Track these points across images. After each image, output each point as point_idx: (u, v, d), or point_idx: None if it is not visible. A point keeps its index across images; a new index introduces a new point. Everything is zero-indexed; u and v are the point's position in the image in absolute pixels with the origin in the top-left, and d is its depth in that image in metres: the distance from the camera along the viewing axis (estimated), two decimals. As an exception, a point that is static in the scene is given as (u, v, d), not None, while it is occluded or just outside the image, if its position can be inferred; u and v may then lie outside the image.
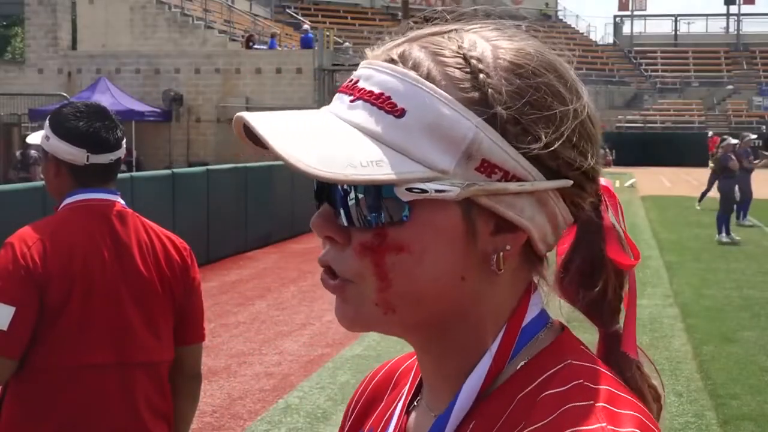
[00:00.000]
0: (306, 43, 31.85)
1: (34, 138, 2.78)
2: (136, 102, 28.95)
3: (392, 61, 0.85)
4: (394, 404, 0.98)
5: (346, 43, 33.73)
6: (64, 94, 25.04)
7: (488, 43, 0.86)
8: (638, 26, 64.59)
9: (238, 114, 0.82)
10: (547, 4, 59.74)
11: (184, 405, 2.80)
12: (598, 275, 0.92)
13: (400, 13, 34.43)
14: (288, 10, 47.85)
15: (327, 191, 0.85)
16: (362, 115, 0.82)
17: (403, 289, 0.83)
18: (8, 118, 25.92)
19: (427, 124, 0.80)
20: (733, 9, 61.20)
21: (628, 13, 62.88)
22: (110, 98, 26.33)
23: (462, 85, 0.82)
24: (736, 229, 16.71)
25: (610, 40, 61.86)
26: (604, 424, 0.78)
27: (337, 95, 0.86)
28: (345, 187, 0.82)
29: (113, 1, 32.93)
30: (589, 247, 0.91)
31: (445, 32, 0.87)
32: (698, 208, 21.53)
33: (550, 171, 0.84)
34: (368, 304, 0.84)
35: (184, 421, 2.82)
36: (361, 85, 0.84)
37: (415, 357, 0.99)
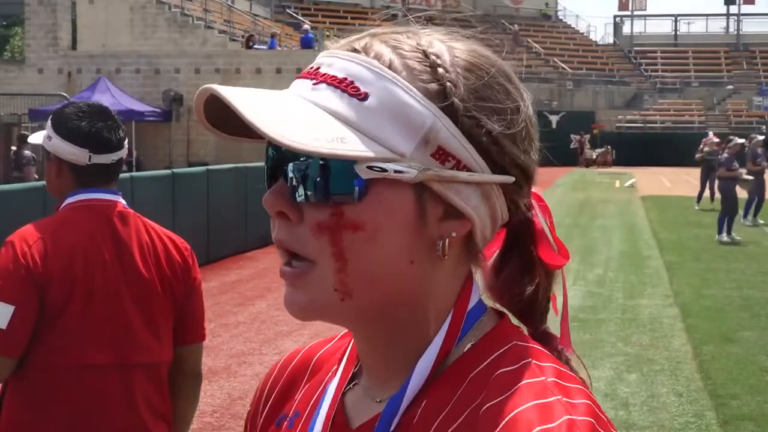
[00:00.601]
0: (306, 43, 31.85)
1: (36, 138, 2.78)
2: (136, 102, 28.94)
3: (355, 51, 0.89)
4: (321, 389, 1.01)
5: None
6: (64, 94, 25.04)
7: (444, 44, 0.91)
8: (638, 26, 64.58)
9: (207, 86, 0.84)
10: (547, 4, 59.72)
11: (184, 405, 2.81)
12: (530, 277, 0.97)
13: (400, 14, 34.40)
14: (288, 10, 47.84)
15: (282, 168, 0.87)
16: (326, 96, 0.86)
17: (359, 270, 0.86)
18: (8, 118, 25.91)
19: (389, 108, 0.85)
20: (733, 9, 61.18)
21: (628, 13, 62.86)
22: (110, 98, 26.33)
23: (421, 77, 0.87)
24: (738, 229, 16.72)
25: (610, 40, 61.83)
26: (559, 397, 0.84)
27: (297, 81, 0.89)
28: (307, 161, 0.85)
29: (113, 1, 32.94)
30: (521, 249, 0.96)
31: (403, 32, 0.92)
32: (697, 208, 21.54)
33: (496, 166, 0.89)
34: (326, 290, 0.87)
35: (184, 421, 2.82)
36: (323, 70, 0.88)
37: (335, 342, 1.07)
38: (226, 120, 0.88)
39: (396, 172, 0.84)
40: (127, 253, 2.61)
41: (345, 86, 0.86)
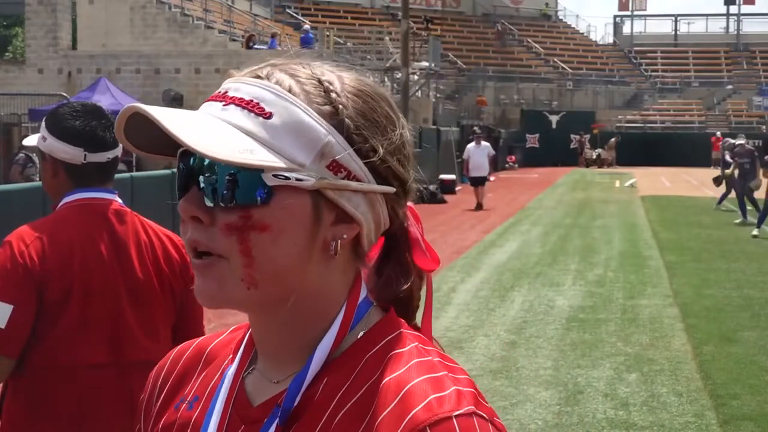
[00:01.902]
0: (306, 43, 31.86)
1: (31, 140, 2.79)
2: (136, 102, 28.94)
3: (258, 77, 1.02)
4: (219, 374, 1.13)
5: (348, 43, 33.70)
6: (64, 94, 25.02)
7: (333, 73, 1.05)
8: (638, 26, 64.62)
9: (132, 105, 0.97)
10: (547, 4, 59.72)
11: None
12: (406, 278, 1.10)
13: (400, 13, 34.44)
14: (288, 10, 47.85)
15: (195, 178, 0.99)
16: (236, 115, 0.98)
17: (264, 265, 0.98)
18: (8, 118, 25.91)
19: (290, 126, 0.98)
20: (733, 9, 61.20)
21: (628, 13, 62.88)
22: (110, 98, 26.31)
23: (317, 100, 1.01)
24: (738, 229, 16.71)
25: (610, 40, 61.85)
26: (446, 372, 1.00)
27: (206, 104, 1.02)
28: (218, 171, 0.97)
29: (113, 1, 32.93)
30: (399, 254, 1.10)
31: (298, 63, 1.06)
32: (717, 208, 21.49)
33: (380, 178, 1.03)
34: (234, 280, 0.99)
35: None
36: (231, 94, 1.01)
37: (226, 336, 1.19)
38: (146, 137, 1.00)
39: (297, 180, 0.97)
40: (125, 252, 2.61)
41: (251, 107, 0.98)
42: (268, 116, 0.98)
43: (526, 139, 46.41)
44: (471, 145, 23.63)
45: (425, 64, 35.13)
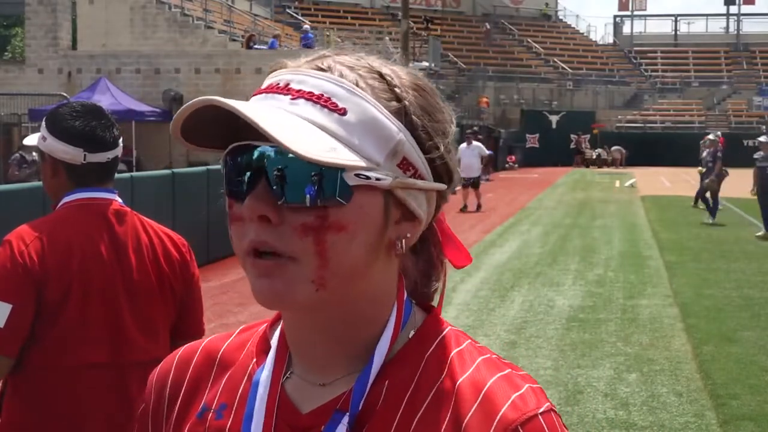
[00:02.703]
0: (306, 43, 31.85)
1: (31, 140, 2.79)
2: (136, 102, 28.93)
3: (321, 70, 0.97)
4: (245, 379, 1.07)
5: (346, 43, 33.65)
6: (64, 94, 25.02)
7: (387, 67, 1.01)
8: (638, 26, 64.65)
9: (206, 98, 0.90)
10: (547, 4, 59.71)
11: None
12: (437, 272, 1.09)
13: (400, 13, 34.45)
14: (288, 10, 47.84)
15: (264, 174, 0.93)
16: (309, 110, 0.93)
17: (337, 267, 0.94)
18: (8, 118, 25.91)
19: (365, 123, 0.94)
20: (733, 9, 61.19)
21: (628, 13, 62.87)
22: (110, 98, 26.31)
23: (383, 96, 0.97)
24: (738, 228, 16.71)
25: (610, 40, 61.84)
26: (510, 370, 1.01)
27: (266, 95, 0.96)
28: (294, 168, 0.92)
29: (113, 1, 32.92)
30: (427, 249, 1.08)
31: (350, 55, 1.01)
32: None
33: (436, 174, 1.01)
34: (304, 282, 0.94)
35: None
36: (296, 87, 0.95)
37: (235, 337, 1.13)
38: (200, 131, 0.95)
39: (377, 179, 0.94)
40: (124, 251, 2.62)
41: (324, 102, 0.94)
42: (343, 113, 0.94)
43: (526, 139, 46.41)
44: (462, 146, 23.51)
45: (425, 64, 35.14)
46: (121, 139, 2.69)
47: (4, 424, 2.55)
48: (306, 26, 36.28)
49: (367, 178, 0.93)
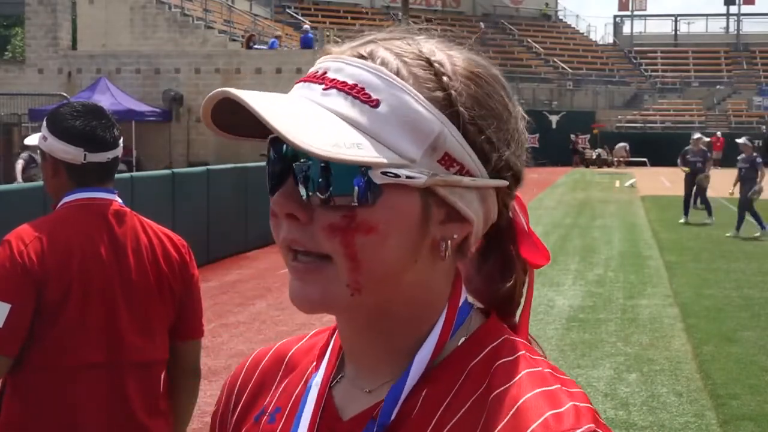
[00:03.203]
0: (306, 43, 31.85)
1: (32, 140, 2.79)
2: (136, 102, 28.94)
3: (362, 57, 0.91)
4: (302, 383, 1.03)
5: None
6: (64, 94, 25.03)
7: (443, 52, 0.93)
8: (638, 26, 64.63)
9: (223, 89, 0.85)
10: (547, 4, 59.72)
11: (184, 401, 2.82)
12: (509, 273, 1.00)
13: (400, 13, 34.46)
14: (288, 10, 47.84)
15: (292, 171, 0.89)
16: (338, 102, 0.87)
17: (370, 270, 0.89)
18: (8, 118, 25.92)
19: (400, 116, 0.87)
20: (733, 9, 61.19)
21: (628, 13, 62.86)
22: (110, 98, 26.32)
23: (427, 85, 0.90)
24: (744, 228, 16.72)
25: (610, 40, 61.84)
26: (559, 386, 0.90)
27: (303, 84, 0.91)
28: (320, 165, 0.87)
29: (113, 1, 32.93)
30: (502, 248, 1.00)
31: (402, 38, 0.94)
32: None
33: (493, 170, 0.93)
34: (339, 285, 0.89)
35: (183, 417, 2.83)
36: (331, 75, 0.89)
37: (307, 340, 1.10)
38: (231, 121, 0.90)
39: (408, 177, 0.87)
40: (124, 252, 2.62)
41: (356, 93, 0.87)
42: (375, 104, 0.87)
43: (526, 139, 46.36)
44: None
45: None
46: (121, 140, 2.70)
47: (3, 424, 2.55)
48: (306, 26, 36.27)
49: (396, 175, 0.86)
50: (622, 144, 45.31)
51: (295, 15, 46.79)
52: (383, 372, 0.96)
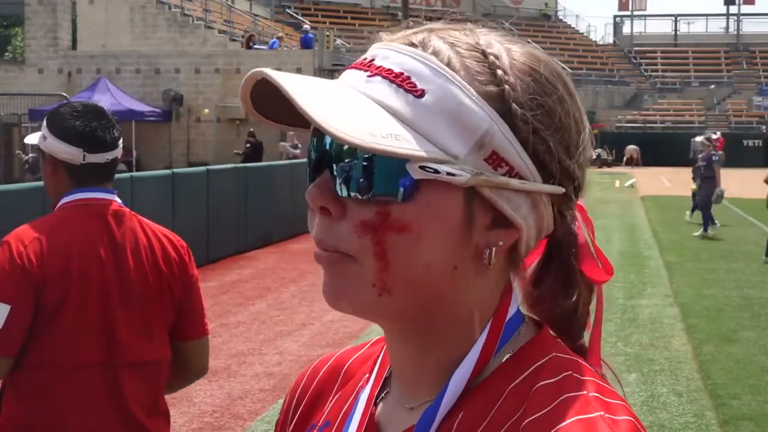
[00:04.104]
0: (306, 43, 31.85)
1: (32, 139, 2.79)
2: (136, 102, 28.95)
3: (412, 45, 0.86)
4: (353, 396, 0.98)
5: (338, 41, 33.61)
6: (64, 94, 25.03)
7: (502, 45, 0.88)
8: (638, 26, 64.62)
9: (258, 70, 0.81)
10: (546, 4, 59.72)
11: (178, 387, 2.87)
12: (571, 290, 0.93)
13: (400, 13, 34.44)
14: (288, 10, 47.83)
15: (329, 162, 0.84)
16: (381, 90, 0.83)
17: (401, 271, 0.83)
18: (8, 118, 25.93)
19: (445, 108, 0.82)
20: (733, 9, 61.17)
21: (628, 13, 62.85)
22: (110, 98, 26.33)
23: (479, 78, 0.84)
24: (736, 227, 16.69)
25: (610, 40, 61.83)
26: (602, 413, 0.81)
27: (351, 71, 0.87)
28: (354, 157, 0.82)
29: (113, 1, 32.95)
30: (563, 262, 0.92)
31: (461, 29, 0.89)
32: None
33: (547, 175, 0.86)
34: (365, 284, 0.84)
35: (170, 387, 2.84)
36: (378, 63, 0.85)
37: (366, 349, 1.04)
38: (270, 106, 0.86)
39: (448, 174, 0.81)
40: (123, 253, 2.62)
41: (401, 81, 0.83)
42: (420, 94, 0.82)
43: (525, 139, 46.36)
44: None
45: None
46: (121, 141, 2.70)
47: (3, 424, 2.55)
48: (306, 26, 36.28)
49: (436, 171, 0.80)
50: (632, 147, 45.11)
51: (295, 15, 46.78)
52: (424, 389, 0.90)
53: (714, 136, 20.13)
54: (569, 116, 0.88)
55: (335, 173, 0.83)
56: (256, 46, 31.94)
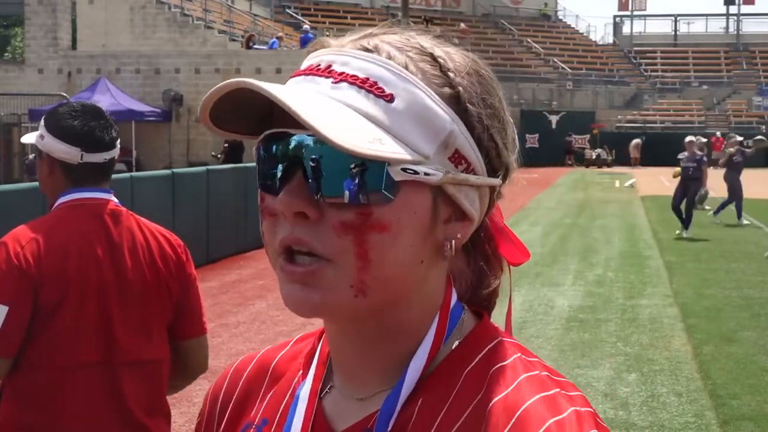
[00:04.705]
0: (306, 43, 31.81)
1: (29, 138, 2.79)
2: (136, 102, 28.95)
3: (367, 50, 0.87)
4: (289, 393, 1.00)
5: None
6: (64, 94, 25.04)
7: (440, 48, 0.91)
8: (638, 26, 64.66)
9: (238, 80, 0.81)
10: (546, 4, 59.72)
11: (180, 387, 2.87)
12: (493, 272, 0.99)
13: (400, 13, 34.48)
14: (288, 10, 47.85)
15: (300, 166, 0.84)
16: (351, 96, 0.84)
17: (379, 270, 0.85)
18: (8, 118, 25.93)
19: (414, 111, 0.85)
20: (733, 9, 61.18)
21: (628, 13, 62.86)
22: (110, 98, 26.33)
23: (435, 81, 0.87)
24: (738, 228, 16.69)
25: (610, 40, 61.84)
26: (558, 390, 0.88)
27: (305, 77, 0.87)
28: (333, 160, 0.83)
29: (113, 1, 32.95)
30: (480, 247, 0.98)
31: (397, 33, 0.91)
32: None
33: (492, 169, 0.91)
34: (342, 287, 0.85)
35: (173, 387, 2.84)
36: (338, 69, 0.86)
37: (290, 347, 1.06)
38: (226, 115, 0.86)
39: (426, 174, 0.85)
40: (120, 252, 2.62)
41: (369, 87, 0.85)
42: (390, 99, 0.84)
43: (525, 139, 46.44)
44: None
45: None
46: (118, 141, 2.70)
47: (3, 424, 2.55)
48: (306, 26, 36.29)
49: (415, 172, 0.84)
50: (636, 141, 44.90)
51: (294, 15, 46.79)
52: (375, 380, 0.92)
53: (702, 140, 20.06)
54: (506, 113, 0.93)
55: (312, 178, 0.84)
56: (255, 46, 31.94)
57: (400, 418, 0.89)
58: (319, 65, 0.87)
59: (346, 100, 0.84)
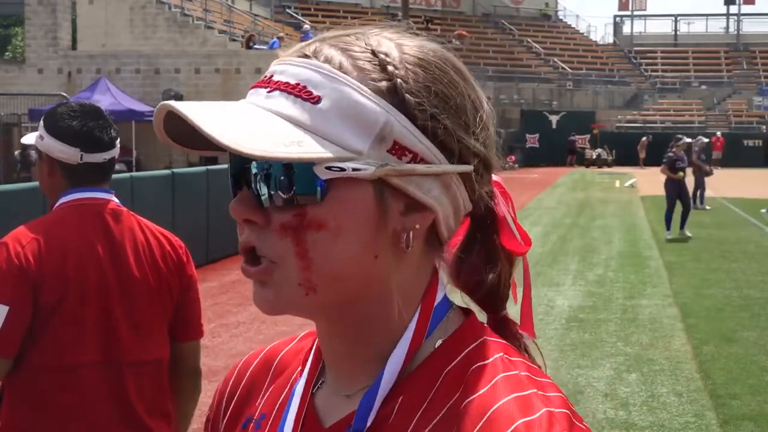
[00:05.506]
0: (306, 44, 31.85)
1: (29, 138, 2.79)
2: (136, 102, 28.93)
3: (305, 56, 0.91)
4: (288, 388, 1.02)
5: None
6: (64, 94, 25.04)
7: (392, 42, 0.93)
8: (638, 26, 64.62)
9: (164, 103, 0.86)
10: (547, 4, 59.71)
11: (185, 401, 2.82)
12: (492, 264, 0.98)
13: (399, 13, 34.47)
14: (288, 10, 47.86)
15: (246, 176, 0.90)
16: (280, 102, 0.88)
17: (323, 267, 0.88)
18: (8, 118, 25.93)
19: (342, 109, 0.87)
20: (733, 9, 61.17)
21: (628, 13, 62.85)
22: (110, 98, 26.32)
23: (372, 76, 0.89)
24: (735, 228, 16.68)
25: (610, 40, 61.82)
26: (535, 390, 0.88)
27: (253, 90, 0.92)
28: (266, 168, 0.88)
29: (113, 1, 32.95)
30: (484, 238, 0.98)
31: (351, 34, 0.94)
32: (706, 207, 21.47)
33: (453, 157, 0.91)
34: (291, 285, 0.89)
35: (184, 417, 2.83)
36: (276, 78, 0.90)
37: (296, 342, 1.09)
38: (188, 134, 0.90)
39: (354, 170, 0.86)
40: (121, 252, 2.62)
41: (298, 91, 0.88)
42: (316, 100, 0.87)
43: (525, 139, 46.42)
44: None
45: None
46: (118, 141, 2.70)
47: (4, 425, 2.55)
48: (306, 26, 36.28)
49: (341, 169, 0.86)
50: (643, 139, 44.62)
51: (295, 15, 46.81)
52: (360, 376, 0.94)
53: (687, 140, 20.01)
54: (464, 98, 0.93)
55: (253, 186, 0.89)
56: (256, 46, 31.95)
57: (380, 414, 0.91)
58: (266, 76, 0.92)
59: (275, 107, 0.87)
